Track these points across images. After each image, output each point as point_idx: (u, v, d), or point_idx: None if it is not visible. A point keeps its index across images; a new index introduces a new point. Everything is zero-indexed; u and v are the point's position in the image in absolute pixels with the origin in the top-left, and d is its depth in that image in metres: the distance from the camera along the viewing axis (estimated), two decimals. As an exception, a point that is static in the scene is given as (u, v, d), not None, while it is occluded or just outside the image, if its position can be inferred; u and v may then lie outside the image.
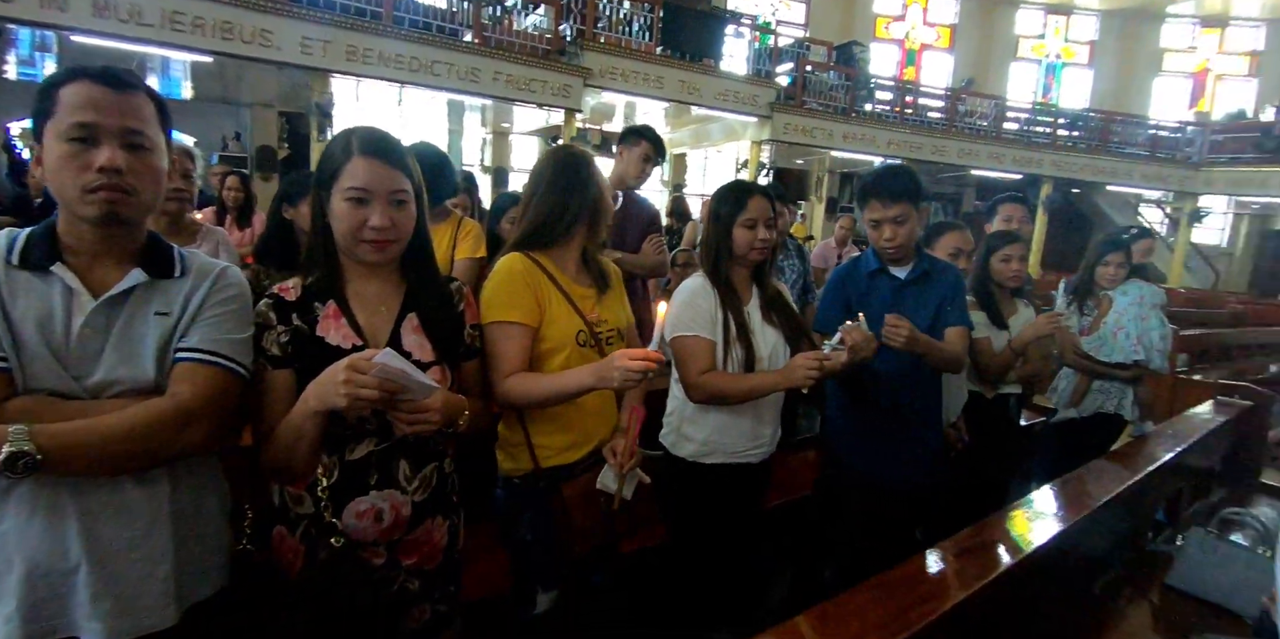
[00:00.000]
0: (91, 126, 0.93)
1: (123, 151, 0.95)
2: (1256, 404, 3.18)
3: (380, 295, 1.21)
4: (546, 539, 1.47)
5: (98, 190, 0.93)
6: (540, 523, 1.46)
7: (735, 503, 1.81)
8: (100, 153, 0.93)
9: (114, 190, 0.94)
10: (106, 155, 0.93)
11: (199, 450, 1.02)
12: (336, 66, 7.10)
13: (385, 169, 1.13)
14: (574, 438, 1.50)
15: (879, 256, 1.95)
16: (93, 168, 0.93)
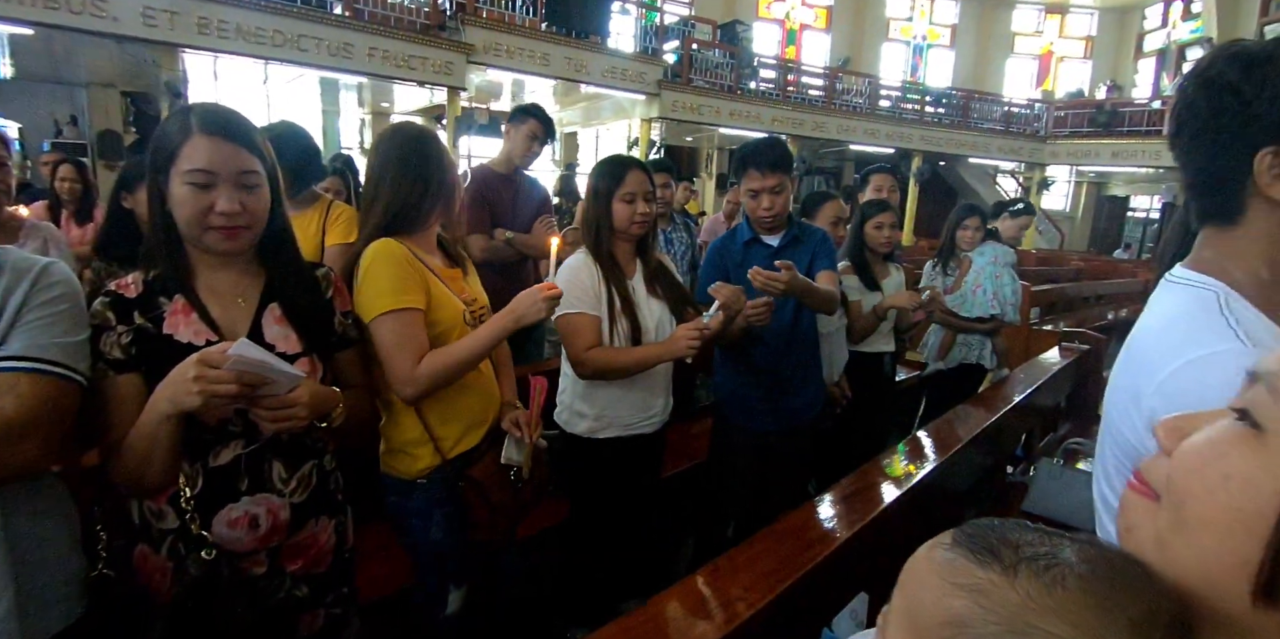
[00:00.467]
0: None
1: None
2: (1093, 347, 3.60)
3: (236, 286, 1.12)
4: (460, 534, 1.45)
5: None
6: (454, 517, 1.43)
7: (633, 474, 1.85)
8: None
9: None
10: None
11: (33, 469, 0.91)
12: (186, 40, 6.46)
13: (230, 148, 1.03)
14: (469, 422, 1.46)
15: (752, 226, 2.03)
16: None
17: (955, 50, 17.23)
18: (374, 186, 1.43)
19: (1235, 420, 0.39)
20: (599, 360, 1.68)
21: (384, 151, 1.43)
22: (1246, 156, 0.71)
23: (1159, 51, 16.32)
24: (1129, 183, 16.22)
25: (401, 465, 1.44)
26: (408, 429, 1.43)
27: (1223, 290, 0.74)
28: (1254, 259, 0.75)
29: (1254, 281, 0.74)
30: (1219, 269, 0.76)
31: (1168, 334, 0.75)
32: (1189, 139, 0.76)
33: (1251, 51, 0.70)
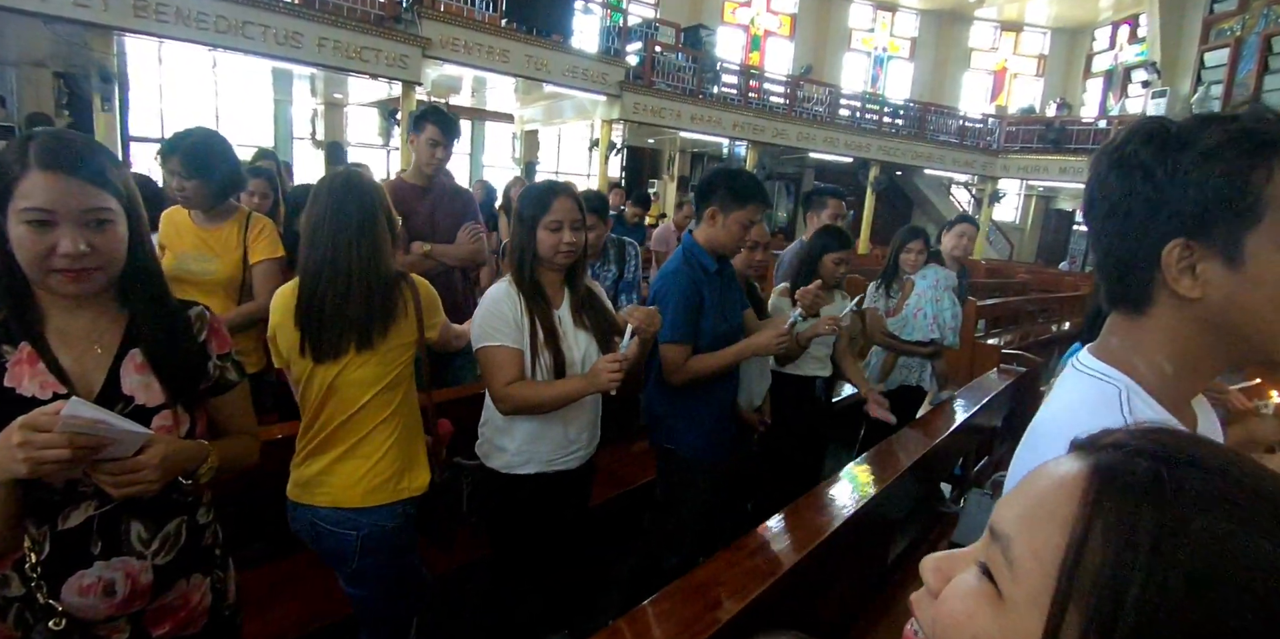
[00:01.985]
0: None
1: None
2: (1029, 370, 3.68)
3: (92, 331, 1.03)
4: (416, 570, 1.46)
5: None
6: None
7: (555, 510, 1.79)
8: None
9: None
10: None
11: None
12: (121, 23, 6.12)
13: (74, 184, 0.94)
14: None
15: (711, 254, 2.02)
16: None
17: (914, 62, 17.57)
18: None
19: (981, 575, 0.41)
20: (520, 396, 1.62)
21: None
22: (1156, 245, 0.67)
23: (1106, 72, 16.95)
24: (1075, 197, 16.80)
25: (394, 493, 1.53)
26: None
27: (1125, 385, 0.71)
28: (1158, 353, 0.72)
29: (1158, 376, 0.72)
30: (1124, 361, 0.73)
31: (1065, 426, 0.70)
32: (1100, 219, 0.71)
33: (1168, 132, 0.66)
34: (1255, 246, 0.63)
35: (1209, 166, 0.63)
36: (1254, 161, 0.62)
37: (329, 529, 1.47)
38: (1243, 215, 0.62)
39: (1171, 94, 14.37)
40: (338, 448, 1.47)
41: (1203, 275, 0.65)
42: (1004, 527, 0.40)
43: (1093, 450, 0.40)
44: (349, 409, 1.46)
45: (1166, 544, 0.33)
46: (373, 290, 1.44)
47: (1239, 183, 0.62)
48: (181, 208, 2.16)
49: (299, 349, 1.43)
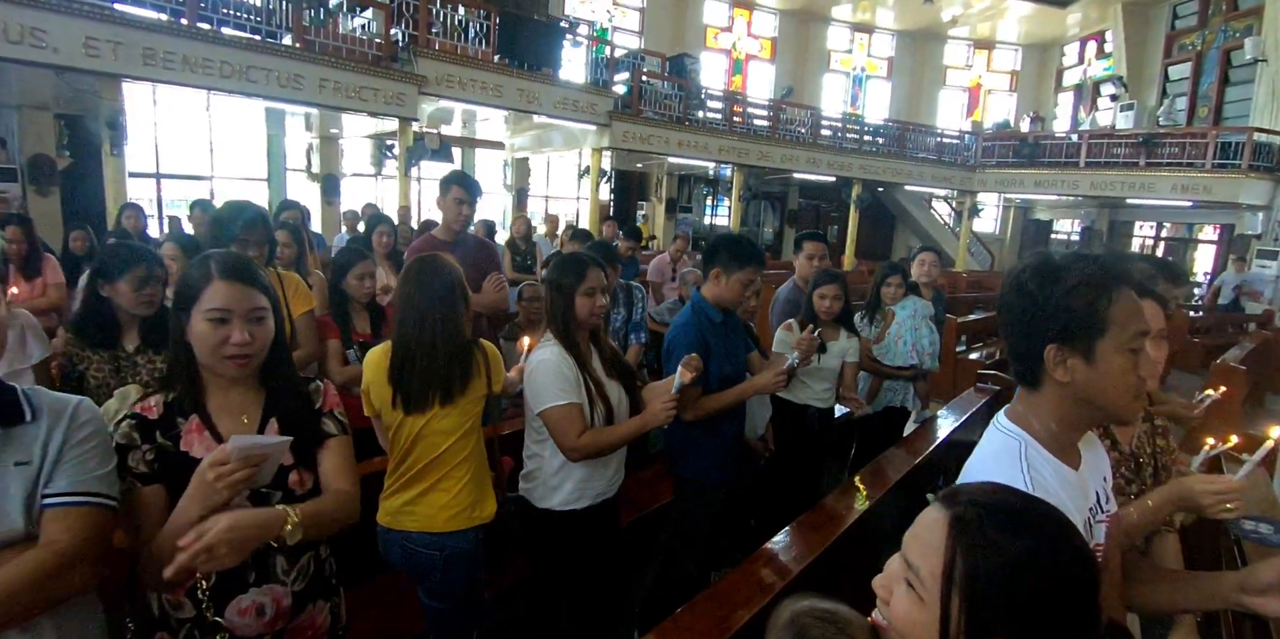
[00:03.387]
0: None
1: None
2: (1003, 389, 3.95)
3: (241, 405, 1.27)
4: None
5: None
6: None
7: (601, 536, 2.04)
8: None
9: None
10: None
11: (82, 591, 1.04)
12: (130, 71, 6.37)
13: (243, 289, 1.21)
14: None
15: (717, 307, 2.29)
16: None
17: (892, 81, 18.10)
18: None
19: (908, 587, 0.72)
20: (592, 445, 1.85)
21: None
22: (1040, 346, 0.98)
23: (1076, 86, 17.53)
24: (1052, 208, 17.29)
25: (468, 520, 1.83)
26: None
27: (1024, 440, 1.03)
28: (1047, 417, 1.04)
29: (1047, 432, 1.04)
30: (1025, 421, 1.05)
31: (981, 471, 1.05)
32: (1005, 323, 1.04)
33: (1050, 266, 0.98)
34: (1102, 350, 0.96)
35: (1072, 296, 0.95)
36: (1100, 292, 0.95)
37: (418, 550, 1.75)
38: (1093, 329, 0.95)
39: (1139, 106, 14.92)
40: (424, 483, 1.75)
41: (1071, 368, 0.98)
42: (912, 558, 0.73)
43: (950, 503, 0.72)
44: (433, 453, 1.74)
45: (987, 553, 0.67)
46: (453, 354, 1.73)
47: (1091, 307, 0.95)
48: None
49: (391, 403, 1.72)
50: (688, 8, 15.61)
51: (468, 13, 8.54)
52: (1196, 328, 9.08)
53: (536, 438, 1.95)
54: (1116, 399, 0.98)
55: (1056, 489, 0.99)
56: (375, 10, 7.84)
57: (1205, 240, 14.48)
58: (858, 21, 17.39)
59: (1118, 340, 0.95)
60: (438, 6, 8.26)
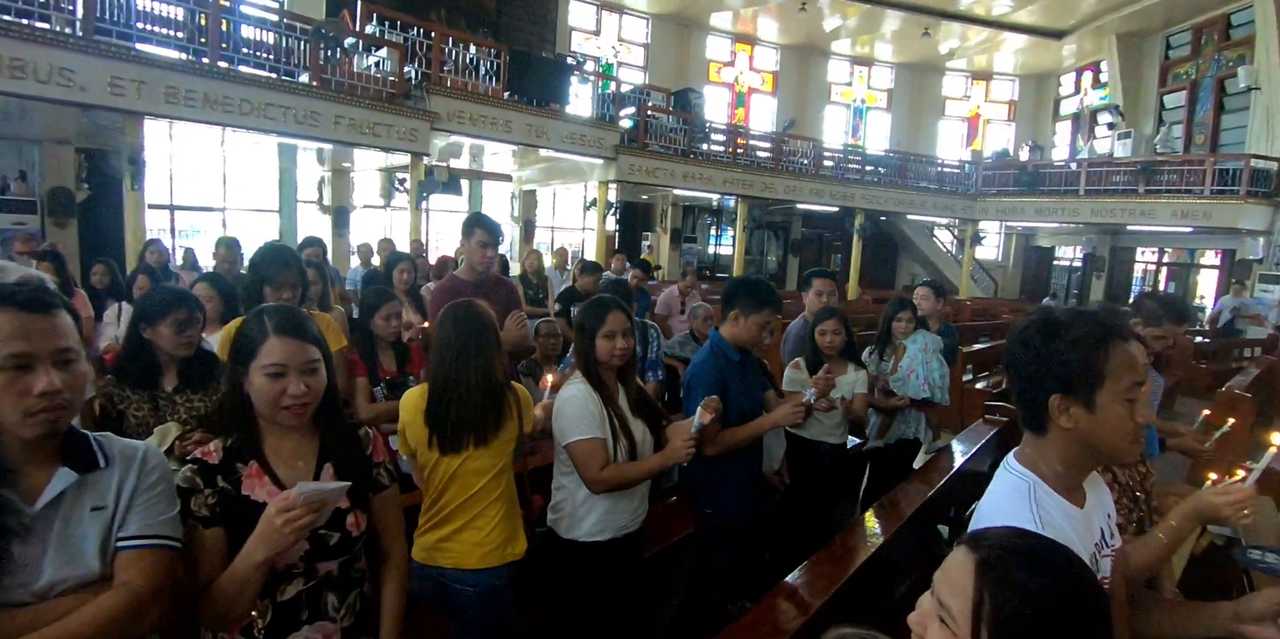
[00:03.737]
0: (26, 355, 0.97)
1: (56, 371, 0.99)
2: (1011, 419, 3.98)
3: (297, 451, 1.33)
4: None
5: (39, 413, 0.98)
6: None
7: (624, 569, 2.08)
8: (38, 378, 0.98)
9: (55, 410, 0.99)
10: (45, 380, 0.98)
11: (155, 630, 1.09)
12: (153, 109, 6.56)
13: (297, 344, 1.27)
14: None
15: (735, 347, 2.36)
16: (32, 392, 0.97)
17: (892, 113, 18.45)
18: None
19: (941, 624, 0.79)
20: (613, 478, 1.92)
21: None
22: (1045, 395, 1.08)
23: (1074, 115, 17.84)
24: (1053, 235, 17.42)
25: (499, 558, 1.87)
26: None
27: (1033, 481, 1.12)
28: (1053, 459, 1.14)
29: (1054, 473, 1.13)
30: (1033, 463, 1.15)
31: (993, 510, 1.14)
32: (1012, 375, 1.14)
33: (1052, 322, 1.08)
34: (1102, 399, 1.06)
35: (1073, 350, 1.06)
36: (1099, 346, 1.05)
37: (451, 586, 1.79)
38: (1092, 380, 1.05)
39: (1136, 134, 15.17)
40: (458, 521, 1.80)
41: (1073, 415, 1.08)
42: (944, 597, 0.80)
43: (975, 547, 0.80)
44: (467, 492, 1.79)
45: (1011, 592, 0.74)
46: (487, 397, 1.79)
47: (1090, 361, 1.05)
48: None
49: (427, 443, 1.77)
50: (690, 43, 16.03)
51: (478, 51, 8.81)
52: (1202, 353, 9.08)
53: (564, 470, 2.01)
54: (1117, 443, 1.08)
55: (1064, 527, 1.07)
56: (389, 49, 8.08)
57: (1207, 265, 14.55)
58: (857, 55, 17.81)
59: (1114, 390, 1.05)
60: (449, 45, 8.52)
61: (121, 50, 6.32)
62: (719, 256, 16.26)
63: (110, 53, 6.23)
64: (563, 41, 13.77)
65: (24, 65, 5.84)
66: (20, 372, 0.97)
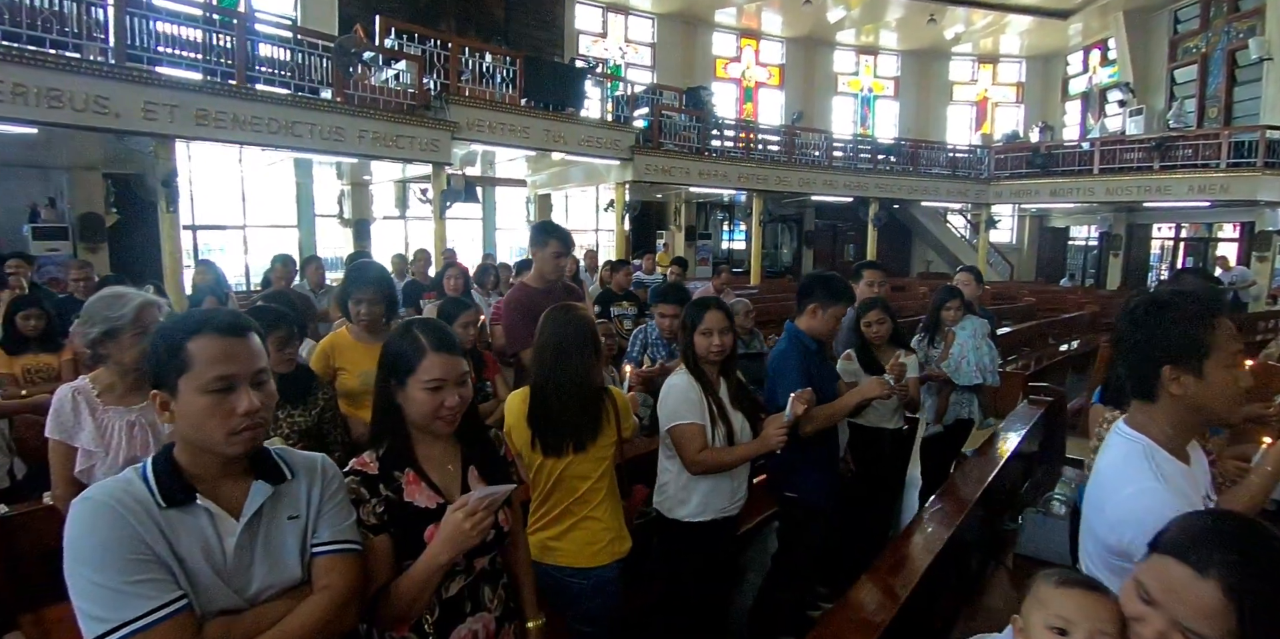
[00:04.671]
0: (230, 377, 1.04)
1: (254, 391, 1.06)
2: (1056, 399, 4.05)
3: (444, 456, 1.41)
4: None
5: (242, 431, 1.04)
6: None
7: (722, 550, 2.21)
8: (240, 399, 1.04)
9: (255, 428, 1.06)
10: (247, 401, 1.04)
11: (350, 630, 1.18)
12: (186, 133, 6.72)
13: (454, 359, 1.35)
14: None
15: (812, 338, 2.49)
16: (236, 413, 1.03)
17: (900, 100, 18.43)
18: None
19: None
20: (710, 460, 2.07)
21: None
22: (1157, 367, 1.20)
23: (1083, 94, 17.73)
24: (1068, 215, 17.35)
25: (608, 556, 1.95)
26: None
27: (1147, 444, 1.25)
28: (1164, 423, 1.26)
29: (1165, 437, 1.26)
30: (1144, 428, 1.28)
31: (1113, 472, 1.26)
32: (1125, 349, 1.25)
33: (1160, 302, 1.21)
34: (1209, 368, 1.18)
35: (1181, 325, 1.18)
36: (1204, 321, 1.18)
37: (566, 579, 1.90)
38: (1201, 351, 1.18)
39: (1148, 111, 15.09)
40: (566, 522, 1.91)
41: (1184, 383, 1.20)
42: (1190, 623, 0.84)
43: (1201, 564, 0.84)
44: (572, 495, 1.90)
45: (1265, 597, 0.80)
46: (584, 403, 1.87)
47: (1197, 334, 1.18)
48: (343, 332, 2.57)
49: (530, 445, 1.88)
50: (697, 40, 16.09)
51: (494, 60, 8.92)
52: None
53: (668, 453, 2.16)
54: (1224, 406, 1.22)
55: (1180, 482, 1.19)
56: (408, 61, 8.20)
57: (1226, 239, 14.45)
58: (862, 44, 17.80)
59: (1220, 359, 1.18)
60: (466, 55, 8.63)
61: (153, 76, 6.46)
62: (732, 252, 16.32)
63: (143, 79, 6.37)
64: (570, 45, 13.87)
65: (61, 94, 5.99)
66: (224, 394, 1.03)
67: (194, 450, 1.06)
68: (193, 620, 0.98)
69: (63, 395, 1.88)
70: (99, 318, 1.87)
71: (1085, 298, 12.13)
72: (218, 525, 1.05)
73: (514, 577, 1.54)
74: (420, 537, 1.29)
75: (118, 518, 0.96)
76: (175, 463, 1.06)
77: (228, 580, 1.04)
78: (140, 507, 0.99)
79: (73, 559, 0.95)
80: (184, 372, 1.03)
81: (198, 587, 1.01)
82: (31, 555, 2.17)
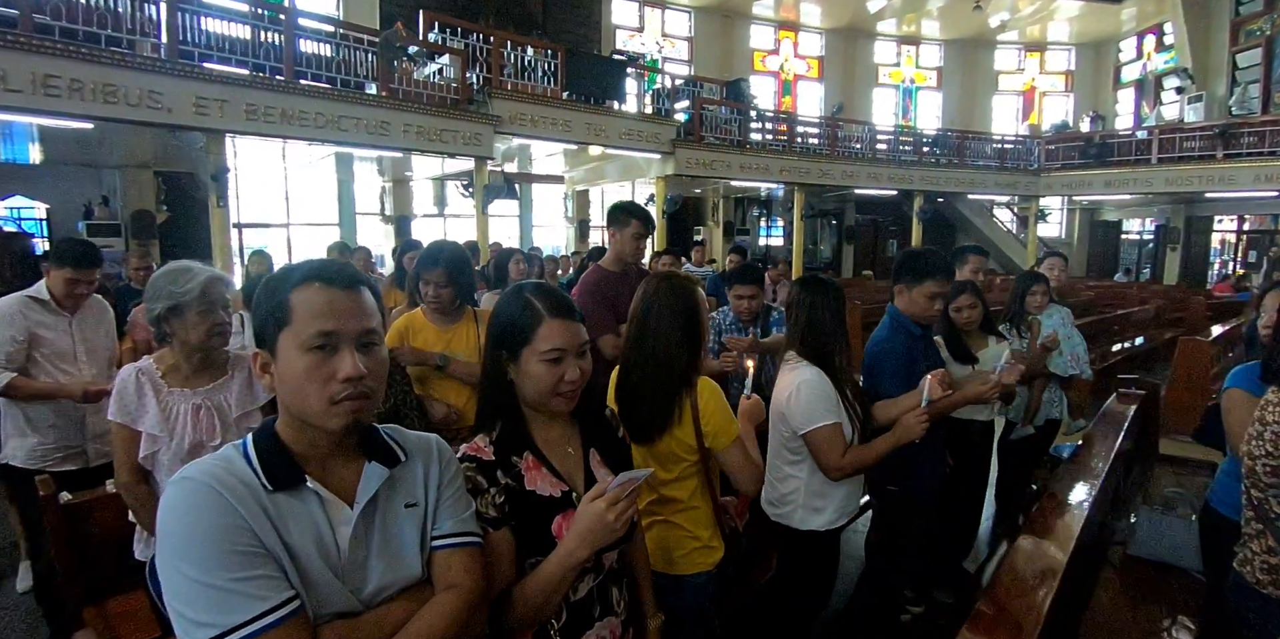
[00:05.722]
0: (333, 333, 0.87)
1: (360, 355, 0.89)
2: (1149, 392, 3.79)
3: (563, 438, 1.24)
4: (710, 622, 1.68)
5: (343, 400, 0.87)
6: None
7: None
8: (343, 361, 0.87)
9: (358, 398, 0.89)
10: (350, 364, 0.87)
11: (483, 631, 1.02)
12: (236, 127, 6.74)
13: (575, 326, 1.17)
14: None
15: (915, 322, 2.27)
16: (337, 377, 0.87)
17: (943, 91, 17.95)
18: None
19: None
20: (854, 464, 1.86)
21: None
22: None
23: (1137, 82, 17.06)
24: (1120, 208, 16.72)
25: (694, 563, 1.67)
26: (706, 528, 1.65)
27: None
28: None
29: None
30: None
31: None
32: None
33: None
34: None
35: None
36: None
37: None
38: None
39: (1207, 97, 14.44)
40: (646, 520, 1.68)
41: None
42: None
43: None
44: (652, 493, 1.68)
45: None
46: (657, 385, 1.59)
47: None
48: (419, 313, 2.44)
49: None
50: (734, 34, 15.86)
51: (535, 53, 8.83)
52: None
53: (791, 458, 1.94)
54: None
55: None
56: (451, 56, 8.16)
57: (1293, 231, 13.77)
58: (904, 34, 17.37)
59: None
60: (508, 49, 8.57)
61: (203, 71, 6.50)
62: (769, 248, 16.05)
63: (194, 74, 6.41)
64: (608, 40, 13.77)
65: (115, 90, 6.05)
66: (326, 353, 0.87)
67: (298, 425, 0.90)
68: (308, 625, 0.83)
69: (125, 376, 1.79)
70: (164, 292, 1.77)
71: (1145, 293, 11.63)
72: (330, 513, 0.89)
73: (634, 571, 1.38)
74: (546, 530, 1.14)
75: (222, 503, 0.81)
76: (279, 439, 0.91)
77: (343, 578, 0.88)
78: (246, 489, 0.84)
79: (170, 552, 0.79)
80: (284, 325, 0.87)
81: (310, 585, 0.85)
82: (94, 545, 2.11)
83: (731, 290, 3.08)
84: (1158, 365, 8.58)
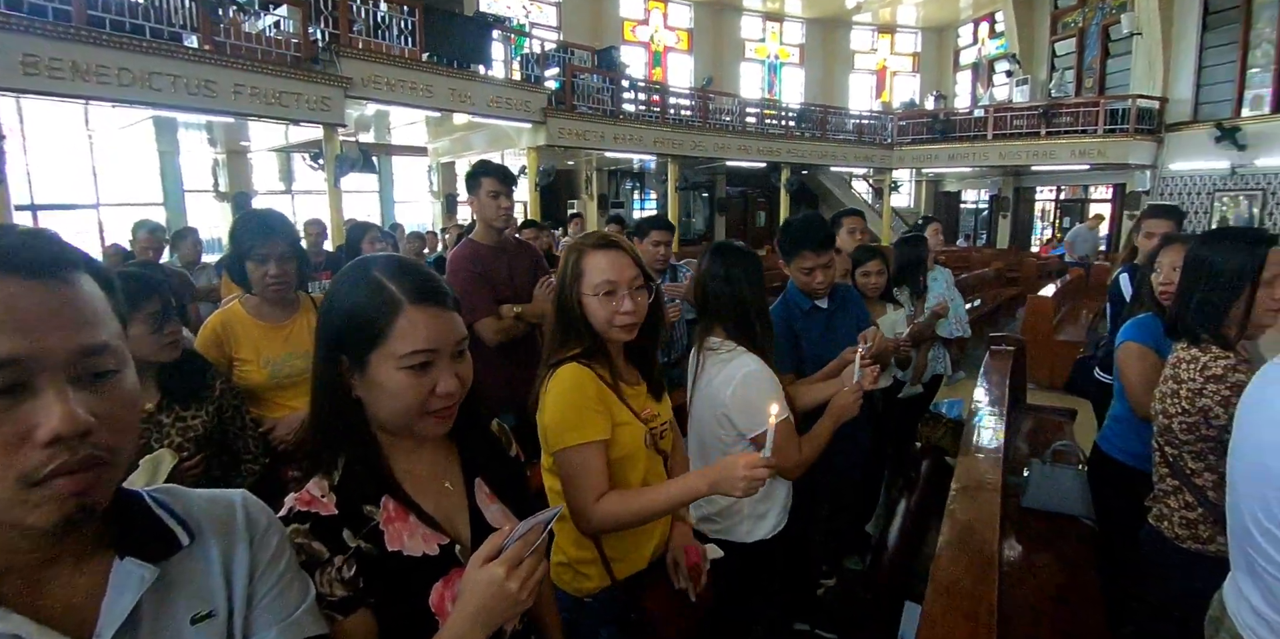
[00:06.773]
0: (16, 363, 0.50)
1: (77, 392, 0.52)
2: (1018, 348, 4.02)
3: (437, 470, 0.92)
4: None
5: (48, 479, 0.51)
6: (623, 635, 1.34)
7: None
8: (42, 411, 0.51)
9: (79, 471, 0.52)
10: (56, 414, 0.51)
11: None
12: (11, 84, 5.51)
13: (448, 315, 0.85)
14: (639, 541, 1.36)
15: (806, 295, 2.11)
16: (34, 441, 0.50)
17: (805, 68, 18.57)
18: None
19: None
20: (811, 456, 1.65)
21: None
22: None
23: (973, 65, 18.52)
24: (960, 180, 18.25)
25: (573, 582, 1.34)
26: (582, 548, 1.32)
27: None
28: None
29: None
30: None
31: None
32: None
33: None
34: None
35: None
36: None
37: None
38: None
39: (1032, 81, 15.96)
40: None
41: None
42: None
43: None
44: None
45: None
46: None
47: None
48: (236, 308, 1.92)
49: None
50: (604, 1, 15.42)
51: (390, 9, 8.00)
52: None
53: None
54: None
55: None
56: (290, 7, 7.17)
57: (1099, 199, 15.58)
58: (769, 11, 17.72)
59: None
60: (357, 3, 7.69)
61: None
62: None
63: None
64: (470, 1, 12.89)
65: None
66: (6, 399, 0.50)
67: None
68: None
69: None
70: None
71: (988, 256, 12.78)
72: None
73: (542, 631, 1.06)
74: (422, 603, 0.82)
75: None
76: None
77: None
78: None
79: None
80: None
81: None
82: None
83: (647, 238, 2.92)
84: (1002, 319, 9.45)
